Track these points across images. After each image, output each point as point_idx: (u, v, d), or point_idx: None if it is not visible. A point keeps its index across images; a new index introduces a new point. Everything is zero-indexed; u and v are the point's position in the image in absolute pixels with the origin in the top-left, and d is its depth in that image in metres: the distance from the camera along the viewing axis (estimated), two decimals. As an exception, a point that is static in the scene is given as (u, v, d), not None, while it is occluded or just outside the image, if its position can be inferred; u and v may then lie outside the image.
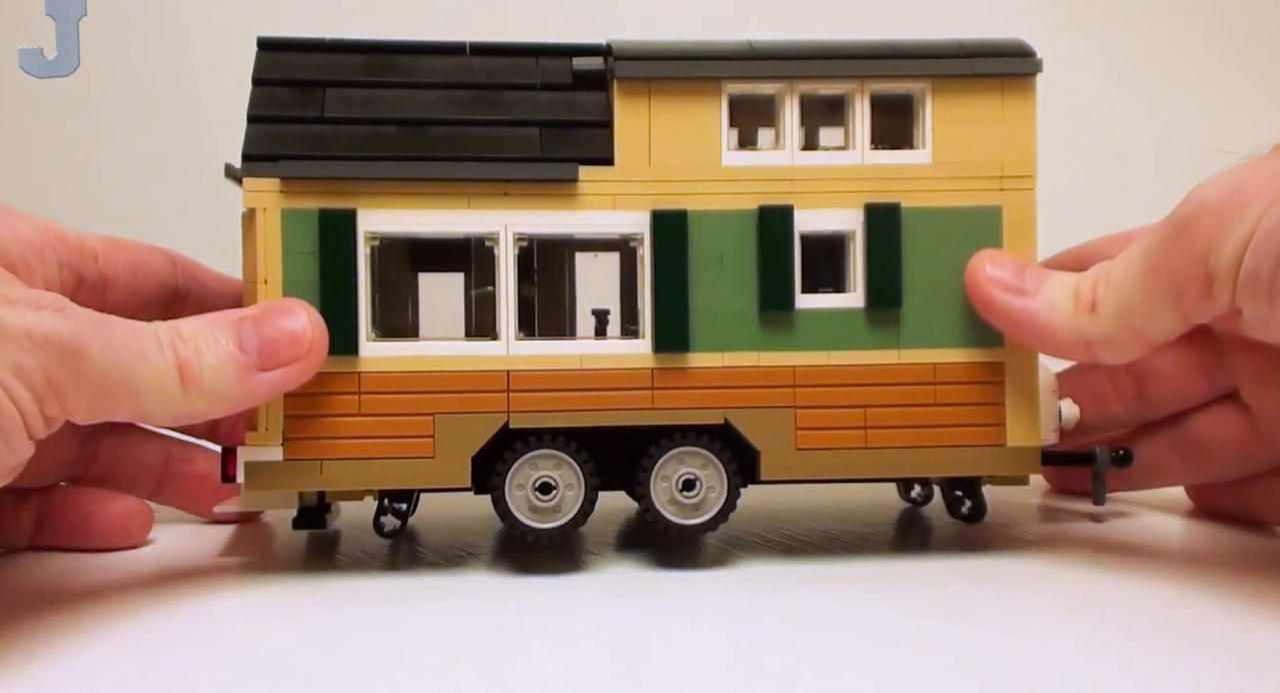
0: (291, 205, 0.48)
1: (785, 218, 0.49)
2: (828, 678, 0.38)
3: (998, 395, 0.50)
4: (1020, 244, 0.50)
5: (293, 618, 0.44)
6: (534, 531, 0.48)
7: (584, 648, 0.41)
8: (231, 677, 0.38)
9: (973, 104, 0.50)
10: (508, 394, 0.48)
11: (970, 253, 0.49)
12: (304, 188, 0.48)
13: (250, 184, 0.48)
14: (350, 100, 0.49)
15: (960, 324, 0.50)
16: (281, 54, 0.50)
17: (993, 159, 0.50)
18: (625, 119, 0.49)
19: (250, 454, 0.48)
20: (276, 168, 0.47)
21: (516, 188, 0.48)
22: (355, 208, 0.48)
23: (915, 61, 0.49)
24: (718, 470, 0.49)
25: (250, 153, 0.48)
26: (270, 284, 0.48)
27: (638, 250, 0.49)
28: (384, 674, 0.38)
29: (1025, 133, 0.50)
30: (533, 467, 0.49)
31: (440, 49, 0.51)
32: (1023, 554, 0.51)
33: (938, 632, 0.42)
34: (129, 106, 0.78)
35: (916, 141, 0.50)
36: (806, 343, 0.49)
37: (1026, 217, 0.50)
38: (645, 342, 0.49)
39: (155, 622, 0.44)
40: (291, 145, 0.48)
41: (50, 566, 0.51)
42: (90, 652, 0.40)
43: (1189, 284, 0.44)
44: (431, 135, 0.49)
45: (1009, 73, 0.50)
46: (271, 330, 0.45)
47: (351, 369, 0.48)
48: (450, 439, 0.48)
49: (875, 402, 0.49)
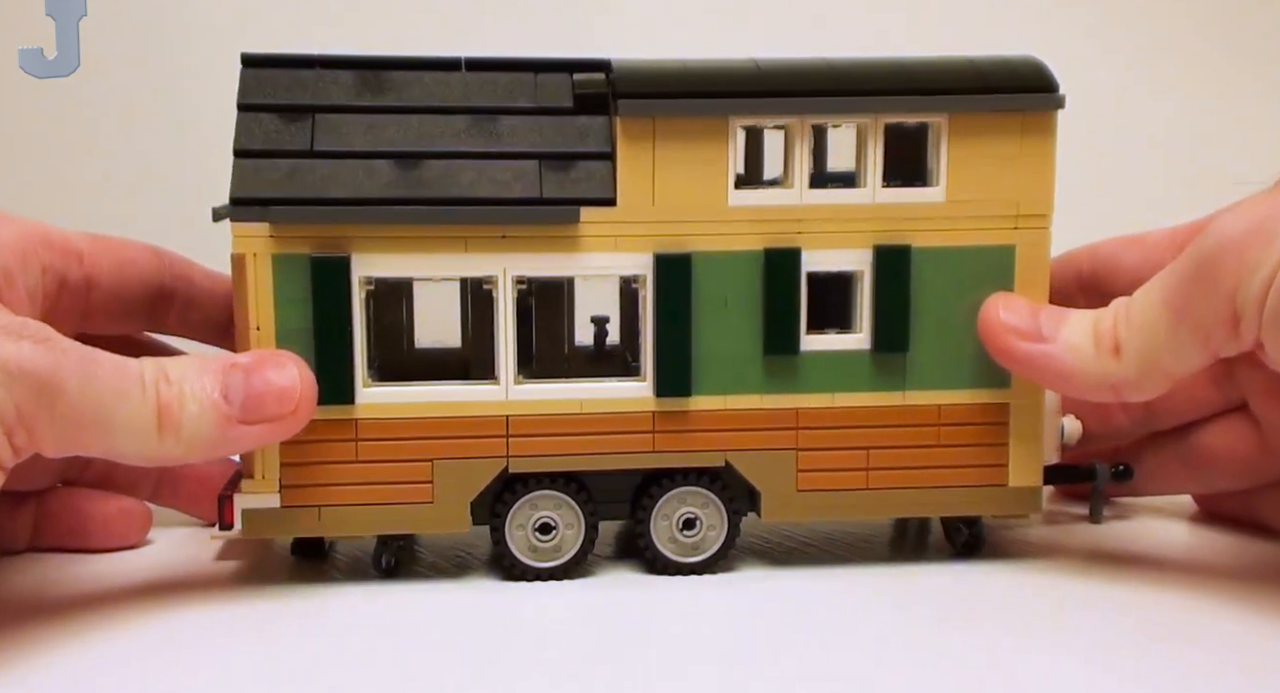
0: (282, 250, 0.46)
1: (792, 260, 0.48)
2: (827, 678, 0.39)
3: (1002, 436, 0.49)
4: (1033, 283, 0.49)
5: (290, 620, 0.45)
6: (534, 570, 0.49)
7: (582, 648, 0.42)
8: (231, 679, 0.39)
9: (991, 139, 0.48)
10: (507, 439, 0.48)
11: (981, 293, 0.48)
12: (295, 232, 0.46)
13: (239, 230, 0.46)
14: (340, 129, 0.47)
15: (967, 365, 0.49)
16: (267, 72, 0.48)
17: (1008, 197, 0.48)
18: (628, 156, 0.47)
19: (247, 501, 0.47)
20: (267, 213, 0.45)
21: (516, 231, 0.47)
22: (349, 254, 0.46)
23: (934, 97, 0.47)
24: (718, 510, 0.49)
25: (240, 196, 0.46)
26: (263, 331, 0.46)
27: (639, 291, 0.48)
28: (383, 675, 0.39)
29: (1044, 170, 0.48)
30: (532, 507, 0.48)
31: (434, 65, 0.49)
32: (1023, 557, 0.51)
33: (937, 634, 0.43)
34: (129, 106, 0.77)
35: (930, 178, 0.48)
36: (810, 385, 0.48)
37: (1041, 255, 0.49)
38: (646, 384, 0.48)
39: (153, 624, 0.44)
40: (281, 185, 0.46)
41: (48, 568, 0.51)
42: (89, 652, 0.41)
43: (1216, 325, 0.43)
44: (426, 172, 0.47)
45: (1031, 107, 0.48)
46: (260, 383, 0.44)
47: (348, 416, 0.47)
48: (449, 484, 0.48)
49: (878, 443, 0.49)
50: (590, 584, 0.49)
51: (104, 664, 0.41)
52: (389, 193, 0.46)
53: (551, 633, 0.44)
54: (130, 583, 0.49)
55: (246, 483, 0.47)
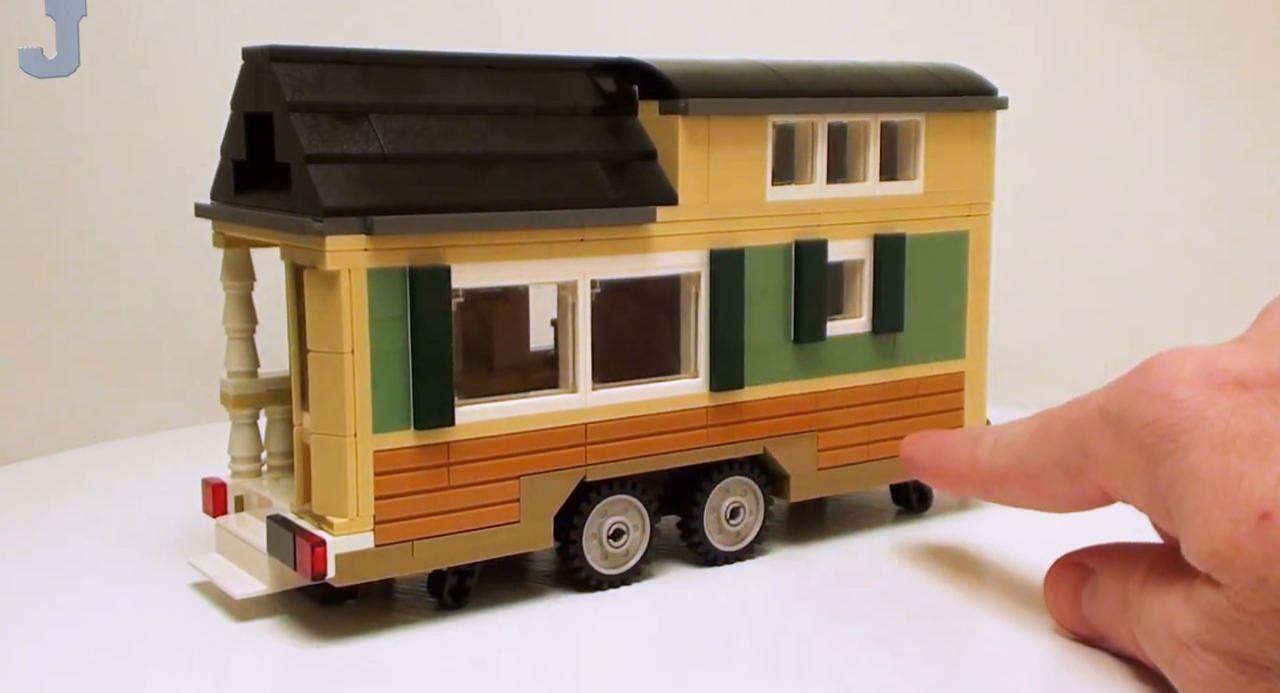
0: (379, 264, 0.42)
1: (820, 251, 0.51)
2: (828, 678, 0.41)
3: (959, 401, 0.55)
4: (980, 265, 0.55)
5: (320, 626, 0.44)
6: (608, 578, 0.48)
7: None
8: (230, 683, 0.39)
9: (953, 136, 0.54)
10: (585, 448, 0.47)
11: (945, 276, 0.54)
12: (393, 244, 0.42)
13: (336, 244, 0.41)
14: (400, 130, 0.44)
15: (934, 341, 0.54)
16: (301, 68, 0.43)
17: (965, 187, 0.54)
18: (688, 156, 0.47)
19: (341, 545, 0.42)
20: (370, 224, 0.41)
21: (594, 234, 0.46)
22: (449, 264, 0.43)
23: (935, 98, 0.52)
24: (756, 496, 0.51)
25: (334, 205, 0.41)
26: (358, 355, 0.42)
27: (690, 288, 0.49)
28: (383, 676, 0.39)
29: (988, 162, 0.55)
30: (603, 514, 0.48)
31: (458, 63, 0.46)
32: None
33: (935, 633, 0.45)
34: (129, 106, 0.72)
35: (911, 172, 0.53)
36: (827, 369, 0.52)
37: (985, 240, 0.55)
38: (700, 380, 0.49)
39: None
40: (374, 194, 0.42)
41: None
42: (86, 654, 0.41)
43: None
44: (499, 175, 0.44)
45: (983, 108, 0.54)
46: None
47: (443, 440, 0.44)
48: (534, 500, 0.46)
49: (875, 418, 0.53)
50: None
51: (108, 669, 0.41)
52: (478, 198, 0.44)
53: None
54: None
55: (338, 524, 0.42)
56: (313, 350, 0.42)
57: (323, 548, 0.42)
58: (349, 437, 0.42)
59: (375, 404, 0.42)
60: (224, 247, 0.49)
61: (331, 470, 0.43)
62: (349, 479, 0.42)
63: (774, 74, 0.50)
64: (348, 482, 0.42)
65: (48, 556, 0.52)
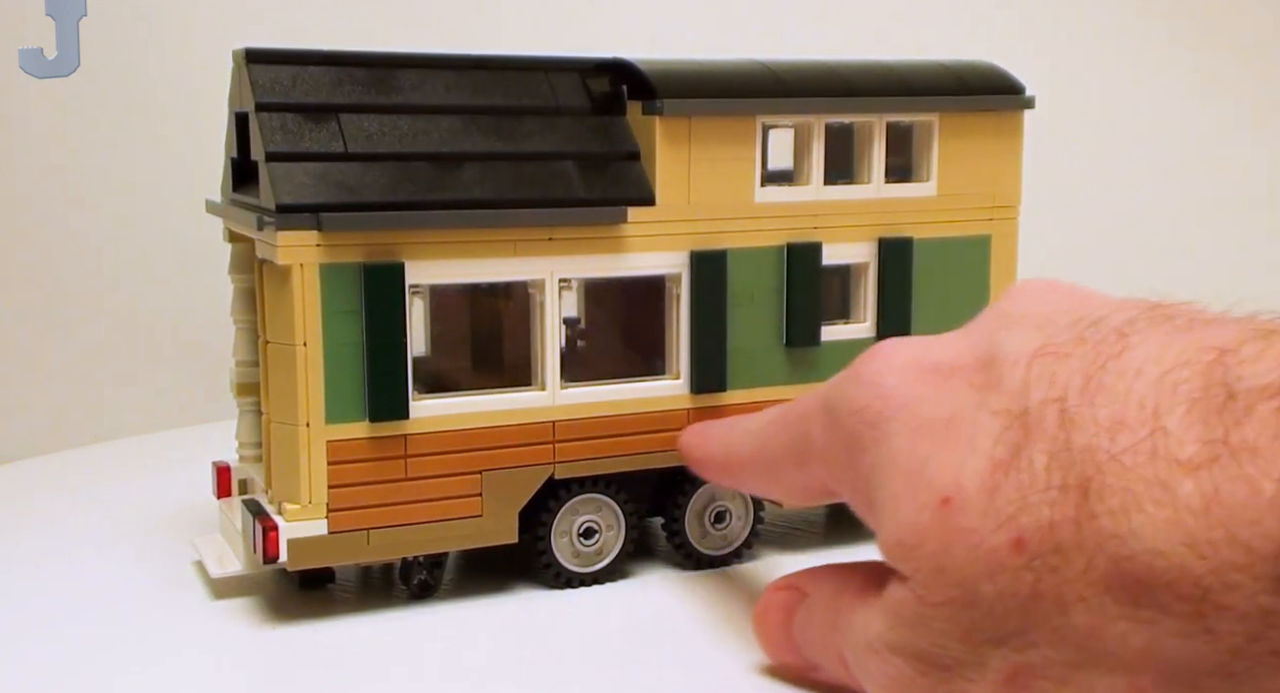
0: (332, 260, 0.43)
1: (814, 254, 0.49)
2: None
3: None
4: (1003, 271, 0.53)
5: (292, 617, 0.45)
6: (579, 576, 0.48)
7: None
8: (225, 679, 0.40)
9: (973, 136, 0.52)
10: (553, 445, 0.47)
11: (964, 280, 0.52)
12: (346, 240, 0.43)
13: (288, 239, 0.42)
14: (369, 130, 0.45)
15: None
16: (274, 69, 0.45)
17: (986, 190, 0.52)
18: (667, 156, 0.47)
19: (294, 531, 0.44)
20: (319, 220, 0.42)
21: (562, 233, 0.46)
22: (402, 261, 0.44)
23: (938, 98, 0.50)
24: (744, 501, 0.50)
25: (287, 202, 0.42)
26: (310, 347, 0.43)
27: (671, 289, 0.48)
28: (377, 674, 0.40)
29: (1014, 165, 0.52)
30: (574, 512, 0.48)
31: (446, 63, 0.47)
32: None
33: None
34: (129, 106, 0.74)
35: (924, 174, 0.51)
36: (823, 374, 0.50)
37: (1010, 244, 0.53)
38: (681, 382, 0.49)
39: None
40: (328, 191, 0.43)
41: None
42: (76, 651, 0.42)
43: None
44: (466, 173, 0.45)
45: (1007, 108, 0.52)
46: None
47: (399, 432, 0.45)
48: (498, 495, 0.46)
49: (880, 425, 0.52)
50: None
51: (88, 662, 0.41)
52: (440, 196, 0.44)
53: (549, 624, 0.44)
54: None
55: (291, 510, 0.44)
56: (269, 342, 0.44)
57: (275, 532, 0.44)
58: (301, 426, 0.44)
59: (329, 395, 0.44)
60: (230, 241, 0.51)
61: (285, 458, 0.44)
62: (301, 467, 0.44)
63: (769, 73, 0.49)
64: (300, 470, 0.44)
65: (46, 546, 0.54)
